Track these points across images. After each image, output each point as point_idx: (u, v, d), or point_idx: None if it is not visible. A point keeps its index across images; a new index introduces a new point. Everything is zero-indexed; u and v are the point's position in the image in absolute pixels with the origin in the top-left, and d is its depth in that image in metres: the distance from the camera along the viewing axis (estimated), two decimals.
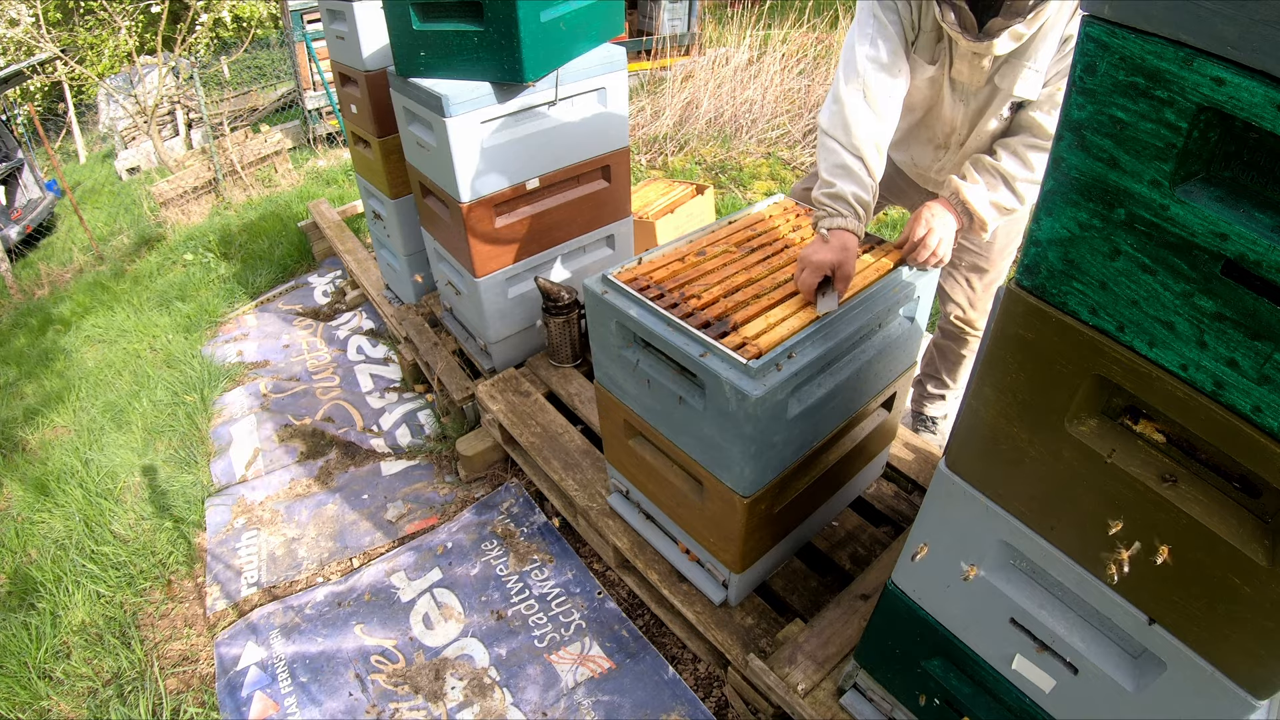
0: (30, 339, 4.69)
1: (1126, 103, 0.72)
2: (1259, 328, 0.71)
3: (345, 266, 4.05)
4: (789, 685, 1.58)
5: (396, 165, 2.85)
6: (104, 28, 7.43)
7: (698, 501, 1.67)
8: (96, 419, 3.37)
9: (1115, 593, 0.95)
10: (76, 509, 2.78)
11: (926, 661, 1.30)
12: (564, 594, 2.26)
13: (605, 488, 2.18)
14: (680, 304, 1.53)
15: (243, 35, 8.43)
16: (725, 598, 1.82)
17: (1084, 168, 0.78)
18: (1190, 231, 0.72)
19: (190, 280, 4.62)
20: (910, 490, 2.16)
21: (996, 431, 0.99)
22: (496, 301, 2.55)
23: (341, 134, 6.83)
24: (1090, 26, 0.72)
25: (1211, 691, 0.89)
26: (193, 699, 2.11)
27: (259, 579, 2.46)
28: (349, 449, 2.99)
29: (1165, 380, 0.81)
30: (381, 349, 3.62)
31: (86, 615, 2.39)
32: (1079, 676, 1.06)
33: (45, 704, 2.15)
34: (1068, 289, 0.85)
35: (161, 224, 5.80)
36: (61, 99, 9.88)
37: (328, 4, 2.72)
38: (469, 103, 2.14)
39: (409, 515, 2.64)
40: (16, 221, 6.57)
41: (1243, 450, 0.78)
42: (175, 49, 7.39)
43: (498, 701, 2.00)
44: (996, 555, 1.10)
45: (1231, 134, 0.70)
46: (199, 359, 3.64)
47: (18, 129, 8.75)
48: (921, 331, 1.78)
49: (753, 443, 1.41)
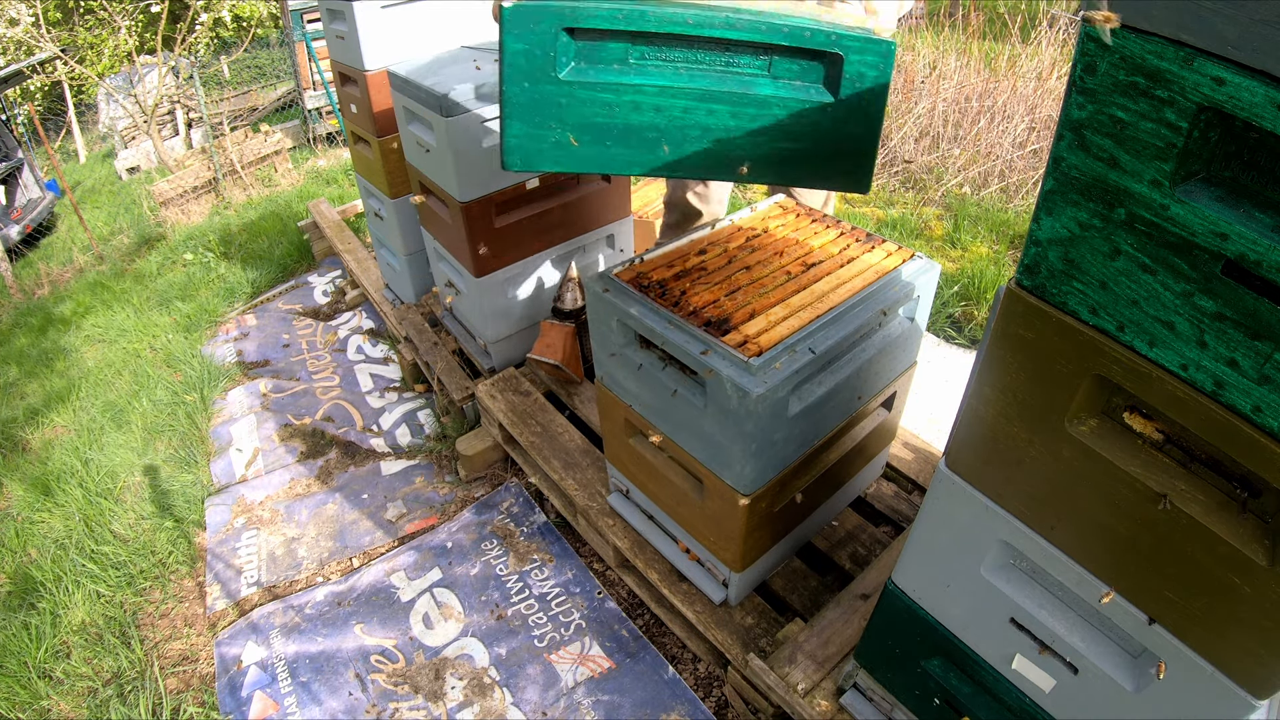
0: (31, 339, 4.69)
1: (1127, 102, 0.72)
2: (1259, 328, 0.71)
3: (345, 266, 4.05)
4: (789, 685, 1.58)
5: (396, 165, 2.85)
6: (104, 27, 7.43)
7: (698, 500, 1.67)
8: (97, 419, 3.37)
9: (1115, 593, 0.95)
10: (76, 509, 2.78)
11: (926, 661, 1.30)
12: (564, 593, 2.26)
13: (605, 487, 2.18)
14: (681, 302, 1.53)
15: (243, 35, 8.43)
16: (725, 597, 1.82)
17: (1084, 167, 0.78)
18: (1190, 231, 0.72)
19: (190, 280, 4.62)
20: (910, 490, 2.16)
21: (996, 431, 0.99)
22: (496, 301, 2.55)
23: (341, 134, 6.83)
24: (1090, 26, 0.72)
25: (1211, 691, 0.89)
26: (193, 699, 2.11)
27: (259, 578, 2.46)
28: (349, 449, 2.99)
29: (1165, 380, 0.81)
30: (381, 349, 3.62)
31: (86, 615, 2.39)
32: (1079, 676, 1.06)
33: (45, 704, 2.15)
34: (1068, 289, 0.85)
35: (161, 224, 5.80)
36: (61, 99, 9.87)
37: (328, 4, 2.72)
38: (469, 102, 2.14)
39: (409, 515, 2.64)
40: (16, 221, 6.57)
41: (1243, 450, 0.78)
42: (175, 49, 7.39)
43: (498, 701, 2.00)
44: (996, 555, 1.10)
45: (1232, 134, 0.70)
46: (199, 359, 3.64)
47: (18, 129, 8.75)
48: (921, 331, 1.78)
49: (753, 441, 1.41)
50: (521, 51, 1.17)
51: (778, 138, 1.31)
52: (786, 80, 1.28)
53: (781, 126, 1.29)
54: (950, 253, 3.80)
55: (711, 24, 1.20)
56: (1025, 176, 4.43)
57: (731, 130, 1.29)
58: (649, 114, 1.25)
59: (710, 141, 1.30)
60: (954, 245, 3.85)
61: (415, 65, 2.34)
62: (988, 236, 3.87)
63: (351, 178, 5.81)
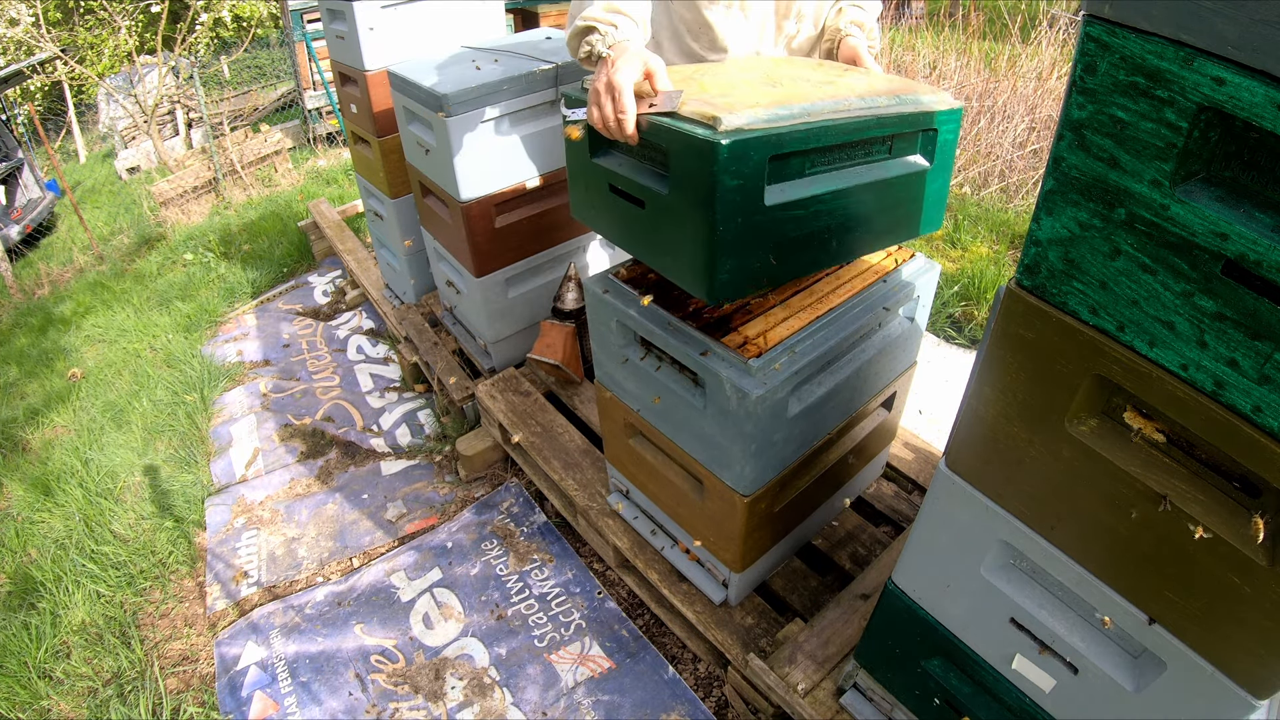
0: (31, 339, 4.69)
1: (1127, 102, 0.72)
2: (1259, 328, 0.71)
3: (345, 266, 4.05)
4: (789, 685, 1.58)
5: (396, 165, 2.85)
6: (104, 27, 7.43)
7: (698, 501, 1.67)
8: (97, 419, 3.37)
9: (1115, 593, 0.95)
10: (76, 509, 2.78)
11: (926, 661, 1.30)
12: (564, 594, 2.26)
13: (605, 487, 2.18)
14: (680, 303, 1.53)
15: (243, 35, 8.43)
16: (725, 597, 1.82)
17: (1084, 167, 0.78)
18: (1190, 231, 0.72)
19: (190, 280, 4.62)
20: (910, 490, 2.16)
21: (996, 431, 0.99)
22: (496, 301, 2.55)
23: (341, 134, 6.83)
24: (1090, 26, 0.72)
25: (1211, 691, 0.89)
26: (193, 699, 2.11)
27: (259, 578, 2.46)
28: (349, 449, 2.99)
29: (1165, 380, 0.81)
30: (381, 349, 3.62)
31: (86, 615, 2.39)
32: (1079, 676, 1.06)
33: (45, 704, 2.15)
34: (1068, 289, 0.85)
35: (161, 224, 5.80)
36: (61, 99, 9.87)
37: (328, 4, 2.72)
38: (469, 102, 2.14)
39: (409, 515, 2.64)
40: (16, 221, 6.57)
41: (1243, 450, 0.78)
42: (175, 49, 7.39)
43: (498, 701, 2.00)
44: (996, 555, 1.10)
45: (1232, 134, 0.70)
46: (199, 359, 3.64)
47: (18, 129, 8.76)
48: (921, 331, 1.78)
49: (753, 441, 1.41)
50: (735, 188, 1.19)
51: (894, 205, 1.45)
52: (902, 157, 1.42)
53: (897, 196, 1.44)
54: (950, 253, 3.80)
55: (868, 127, 1.31)
56: (1025, 176, 4.43)
57: (871, 211, 1.41)
58: (825, 219, 1.34)
59: (857, 226, 1.42)
60: (954, 245, 3.85)
61: (415, 65, 2.34)
62: (988, 236, 3.87)
63: (351, 178, 5.81)
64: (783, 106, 1.21)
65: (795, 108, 1.22)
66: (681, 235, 1.29)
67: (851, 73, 1.49)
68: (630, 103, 1.26)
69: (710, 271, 1.26)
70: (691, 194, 1.22)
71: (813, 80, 1.39)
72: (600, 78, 1.29)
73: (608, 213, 1.48)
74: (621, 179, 1.39)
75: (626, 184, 1.38)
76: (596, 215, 1.53)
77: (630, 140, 1.29)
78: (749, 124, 1.16)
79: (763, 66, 1.52)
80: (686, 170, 1.21)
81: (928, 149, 1.43)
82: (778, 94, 1.28)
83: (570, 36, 1.41)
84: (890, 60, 5.65)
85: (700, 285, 1.29)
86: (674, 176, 1.25)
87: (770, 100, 1.23)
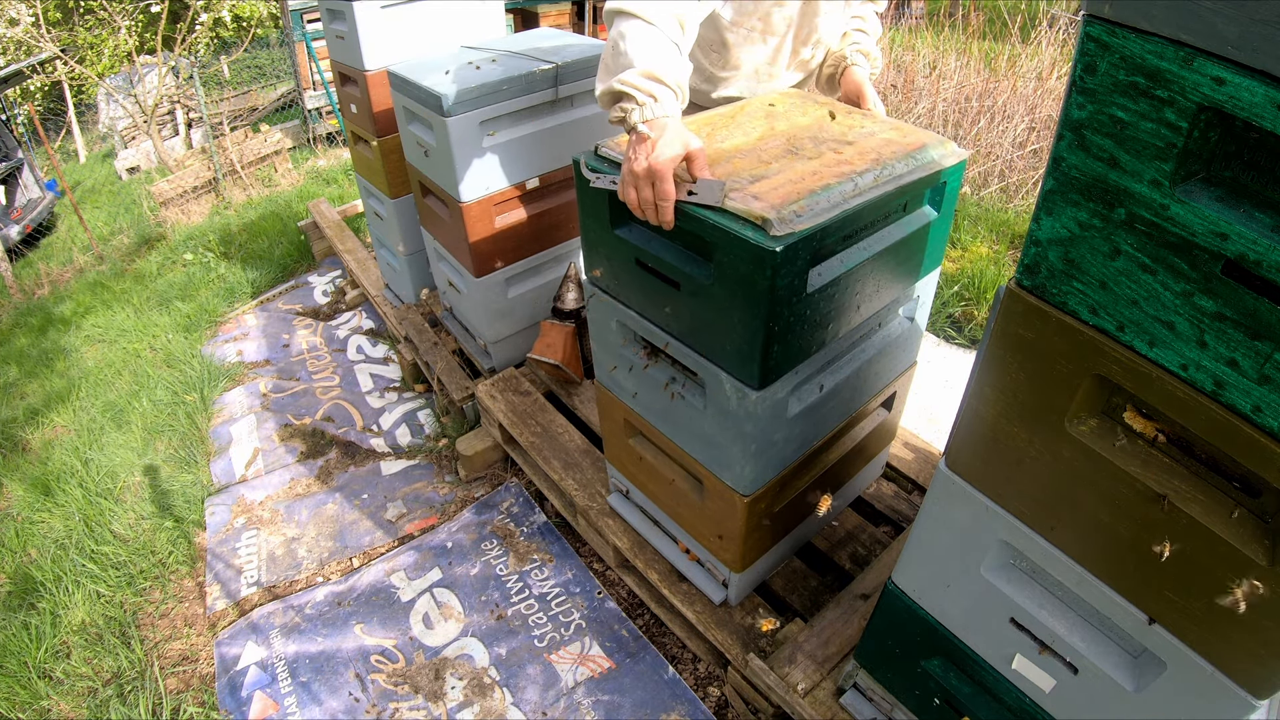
0: (31, 339, 4.69)
1: (1127, 102, 0.72)
2: (1259, 328, 0.71)
3: (345, 266, 4.05)
4: (789, 685, 1.58)
5: (396, 165, 2.85)
6: (104, 27, 7.43)
7: (698, 501, 1.67)
8: (97, 419, 3.37)
9: (1115, 593, 0.95)
10: (76, 509, 2.78)
11: (926, 661, 1.30)
12: (564, 594, 2.26)
13: (605, 487, 2.18)
14: None
15: (243, 35, 8.42)
16: (725, 597, 1.82)
17: (1084, 167, 0.78)
18: (1190, 231, 0.72)
19: (190, 280, 4.62)
20: (910, 490, 2.16)
21: (996, 431, 0.99)
22: (496, 301, 2.55)
23: (341, 134, 6.83)
24: (1090, 26, 0.72)
25: (1211, 691, 0.89)
26: (193, 699, 2.11)
27: (259, 578, 2.46)
28: (349, 449, 2.99)
29: (1165, 380, 0.81)
30: (381, 349, 3.62)
31: (86, 615, 2.39)
32: (1079, 676, 1.06)
33: (45, 704, 2.15)
34: (1068, 289, 0.85)
35: (161, 224, 5.80)
36: (61, 99, 9.87)
37: (328, 4, 2.72)
38: (469, 102, 2.14)
39: (409, 515, 2.64)
40: (16, 221, 6.57)
41: (1243, 450, 0.78)
42: (175, 49, 7.39)
43: (498, 701, 2.00)
44: (996, 555, 1.10)
45: (1232, 134, 0.70)
46: (199, 359, 3.64)
47: (18, 129, 8.76)
48: (921, 331, 1.78)
49: (753, 441, 1.41)
50: (785, 285, 1.20)
51: (908, 258, 1.50)
52: (914, 213, 1.47)
53: (911, 249, 1.49)
54: (950, 253, 3.80)
55: (892, 199, 1.34)
56: (1025, 176, 4.43)
57: (889, 268, 1.46)
58: (854, 287, 1.40)
59: (881, 288, 1.48)
60: (954, 245, 3.85)
61: (415, 65, 2.34)
62: (988, 236, 3.87)
63: (351, 178, 5.81)
64: (817, 194, 1.24)
65: (833, 193, 1.26)
66: (728, 324, 1.29)
67: (856, 126, 1.51)
68: (671, 190, 1.21)
69: (763, 360, 1.28)
70: (741, 291, 1.23)
71: (821, 139, 1.45)
72: (638, 159, 1.22)
73: (633, 286, 1.48)
74: (652, 258, 1.38)
75: (659, 264, 1.37)
76: (620, 286, 1.53)
77: (666, 226, 1.26)
78: (795, 222, 1.19)
79: (764, 114, 1.57)
80: (736, 268, 1.21)
81: (936, 200, 1.48)
82: (805, 169, 1.32)
83: (602, 94, 1.31)
84: (890, 60, 5.65)
85: (751, 373, 1.31)
86: (719, 269, 1.25)
87: (804, 187, 1.26)
